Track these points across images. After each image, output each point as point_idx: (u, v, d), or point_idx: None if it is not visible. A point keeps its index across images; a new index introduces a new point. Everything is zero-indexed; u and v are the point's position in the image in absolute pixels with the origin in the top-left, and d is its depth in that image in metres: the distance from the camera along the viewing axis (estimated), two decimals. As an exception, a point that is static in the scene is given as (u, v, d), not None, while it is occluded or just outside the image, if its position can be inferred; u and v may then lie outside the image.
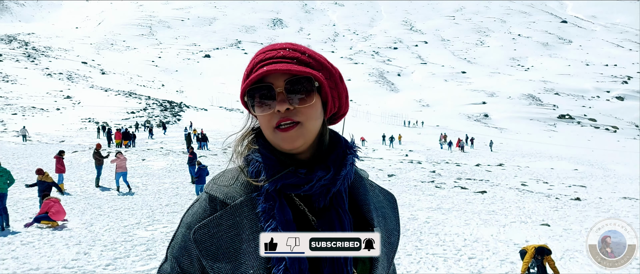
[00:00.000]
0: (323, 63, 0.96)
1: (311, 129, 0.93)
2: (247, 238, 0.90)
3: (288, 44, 0.96)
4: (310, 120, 0.92)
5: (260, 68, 0.91)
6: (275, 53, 0.92)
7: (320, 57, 0.97)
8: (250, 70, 0.93)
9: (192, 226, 0.96)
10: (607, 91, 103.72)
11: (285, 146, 0.91)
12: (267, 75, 0.90)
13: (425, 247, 9.23)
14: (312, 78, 0.91)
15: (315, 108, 0.93)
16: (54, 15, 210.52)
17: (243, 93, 0.93)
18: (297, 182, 0.92)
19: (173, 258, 1.00)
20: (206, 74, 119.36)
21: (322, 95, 0.96)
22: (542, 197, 16.80)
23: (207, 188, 0.99)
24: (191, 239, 0.94)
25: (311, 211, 0.95)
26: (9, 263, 6.91)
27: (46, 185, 10.36)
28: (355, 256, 0.91)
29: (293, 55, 0.92)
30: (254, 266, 0.88)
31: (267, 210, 0.91)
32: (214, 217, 0.93)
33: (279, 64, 0.89)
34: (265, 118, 0.92)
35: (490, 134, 59.12)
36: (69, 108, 50.64)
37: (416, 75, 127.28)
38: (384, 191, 1.12)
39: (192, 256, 0.96)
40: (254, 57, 0.95)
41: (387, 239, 1.02)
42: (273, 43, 0.97)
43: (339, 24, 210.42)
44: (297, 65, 0.91)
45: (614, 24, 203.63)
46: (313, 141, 0.96)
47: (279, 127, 0.90)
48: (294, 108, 0.90)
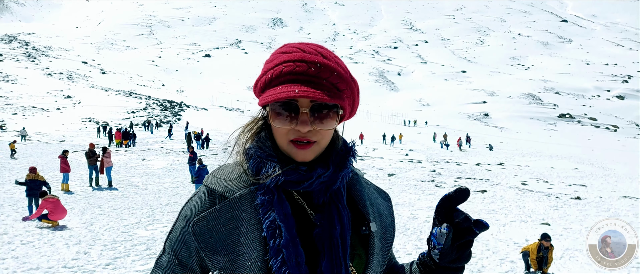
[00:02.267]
0: (348, 81, 0.95)
1: (324, 145, 0.96)
2: (246, 230, 0.92)
3: (317, 52, 0.94)
4: (325, 139, 0.94)
5: (289, 84, 0.89)
6: (306, 68, 0.90)
7: (346, 72, 0.96)
8: (276, 76, 0.91)
9: (191, 218, 0.96)
10: (608, 90, 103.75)
11: (298, 159, 0.93)
12: (283, 99, 0.89)
13: (425, 246, 9.23)
14: (339, 106, 0.93)
15: (332, 130, 0.95)
16: (54, 14, 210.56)
17: (265, 102, 0.91)
18: (298, 179, 0.93)
19: (171, 250, 1.01)
20: (206, 74, 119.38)
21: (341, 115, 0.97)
22: (542, 196, 16.78)
23: (206, 181, 0.99)
24: (190, 232, 0.95)
25: (310, 205, 0.96)
26: (9, 262, 6.91)
27: (37, 183, 10.30)
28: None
29: (324, 76, 0.91)
30: (252, 258, 0.89)
31: (266, 203, 0.92)
32: (213, 210, 0.94)
33: (310, 87, 0.89)
34: (283, 130, 0.92)
35: (491, 133, 59.11)
36: (69, 108, 50.68)
37: (416, 75, 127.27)
38: (378, 189, 1.14)
39: (190, 248, 0.97)
40: (280, 60, 0.93)
41: (382, 235, 1.04)
42: (302, 46, 0.96)
43: (339, 23, 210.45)
44: (329, 87, 0.91)
45: (614, 23, 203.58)
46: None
47: (295, 142, 0.92)
48: (314, 130, 0.91)
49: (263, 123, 1.02)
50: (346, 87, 0.95)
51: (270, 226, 0.90)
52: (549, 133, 66.38)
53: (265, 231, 0.90)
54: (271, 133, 0.99)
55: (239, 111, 64.39)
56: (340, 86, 0.93)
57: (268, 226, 0.90)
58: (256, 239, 0.91)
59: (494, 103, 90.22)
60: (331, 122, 0.93)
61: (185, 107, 60.64)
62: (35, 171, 10.57)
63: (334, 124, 0.94)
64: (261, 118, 1.03)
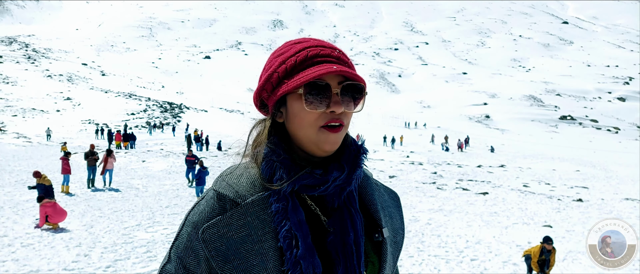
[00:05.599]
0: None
1: (345, 132, 0.94)
2: (260, 239, 0.88)
3: (330, 44, 0.95)
4: (349, 124, 0.94)
5: (321, 65, 0.89)
6: (331, 52, 0.91)
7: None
8: (301, 60, 0.90)
9: (200, 225, 0.91)
10: (609, 92, 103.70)
11: (328, 147, 0.90)
12: (325, 74, 0.87)
13: (427, 249, 9.19)
14: (364, 86, 0.92)
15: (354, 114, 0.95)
16: (54, 16, 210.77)
17: (299, 84, 0.87)
18: (313, 183, 0.90)
19: (178, 258, 0.95)
20: (206, 76, 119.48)
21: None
22: (544, 198, 16.74)
23: (216, 186, 0.95)
24: (200, 239, 0.90)
25: (322, 210, 0.93)
26: (9, 265, 6.87)
27: (44, 188, 10.25)
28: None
29: (345, 59, 0.92)
30: (267, 268, 0.86)
31: (281, 211, 0.88)
32: (224, 216, 0.89)
33: (343, 66, 0.89)
34: (313, 116, 0.89)
35: (492, 135, 59.09)
36: (69, 110, 50.69)
37: (417, 77, 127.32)
38: (388, 190, 1.12)
39: (199, 256, 0.91)
40: (299, 47, 0.92)
41: (393, 238, 1.02)
42: (314, 38, 0.96)
43: (339, 25, 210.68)
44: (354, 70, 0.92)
45: (615, 24, 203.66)
46: None
47: (327, 127, 0.89)
48: (343, 112, 0.90)
49: (272, 124, 0.99)
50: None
51: (287, 236, 0.87)
52: (551, 135, 66.35)
53: (282, 242, 0.87)
54: (282, 133, 0.96)
55: (239, 113, 64.40)
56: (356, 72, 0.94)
57: (284, 235, 0.87)
58: (271, 248, 0.87)
59: (495, 105, 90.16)
60: (358, 104, 0.92)
61: (185, 108, 60.66)
62: (40, 176, 10.49)
63: (360, 107, 0.93)
64: (270, 118, 0.99)
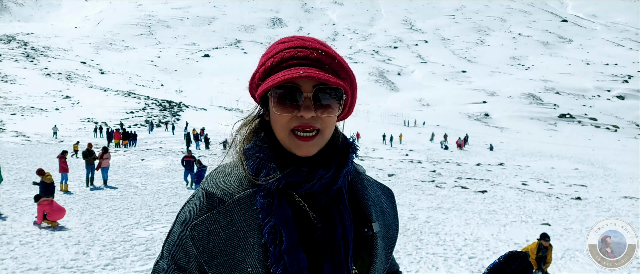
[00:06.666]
0: (348, 72, 0.94)
1: (327, 137, 0.92)
2: (245, 235, 0.89)
3: (317, 41, 0.93)
4: (329, 128, 0.91)
5: (292, 68, 0.87)
6: (309, 53, 0.89)
7: (346, 64, 0.95)
8: (277, 62, 0.89)
9: (189, 223, 0.93)
10: (608, 90, 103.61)
11: (300, 153, 0.89)
12: (290, 79, 0.86)
13: (425, 247, 9.20)
14: (342, 90, 0.90)
15: (335, 118, 0.92)
16: (53, 15, 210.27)
17: (267, 88, 0.87)
18: (299, 180, 0.90)
19: (169, 255, 0.98)
20: (205, 74, 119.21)
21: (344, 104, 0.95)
22: (543, 196, 16.76)
23: (204, 184, 0.96)
24: (188, 237, 0.92)
25: (311, 207, 0.93)
26: (8, 262, 6.88)
27: (45, 185, 10.25)
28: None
29: (326, 61, 0.89)
30: (252, 263, 0.87)
31: (266, 207, 0.89)
32: (211, 214, 0.90)
33: (314, 69, 0.87)
34: (284, 119, 0.88)
35: (491, 133, 59.10)
36: (68, 108, 50.63)
37: (416, 75, 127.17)
38: (381, 186, 1.11)
39: (189, 253, 0.93)
40: (280, 48, 0.91)
41: (385, 234, 1.02)
42: (300, 36, 0.94)
43: (338, 23, 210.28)
44: (331, 73, 0.89)
45: (615, 23, 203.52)
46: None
47: (296, 133, 0.88)
48: (317, 116, 0.88)
49: (260, 121, 0.99)
50: (347, 76, 0.93)
51: (271, 232, 0.87)
52: (550, 133, 66.37)
53: (266, 237, 0.87)
54: (269, 131, 0.96)
55: (239, 111, 64.30)
56: (342, 74, 0.91)
57: (268, 231, 0.87)
58: (257, 244, 0.88)
59: (494, 103, 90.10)
60: (335, 109, 0.90)
61: (185, 107, 60.61)
62: (44, 173, 10.47)
63: (337, 111, 0.91)
64: (257, 115, 0.99)
